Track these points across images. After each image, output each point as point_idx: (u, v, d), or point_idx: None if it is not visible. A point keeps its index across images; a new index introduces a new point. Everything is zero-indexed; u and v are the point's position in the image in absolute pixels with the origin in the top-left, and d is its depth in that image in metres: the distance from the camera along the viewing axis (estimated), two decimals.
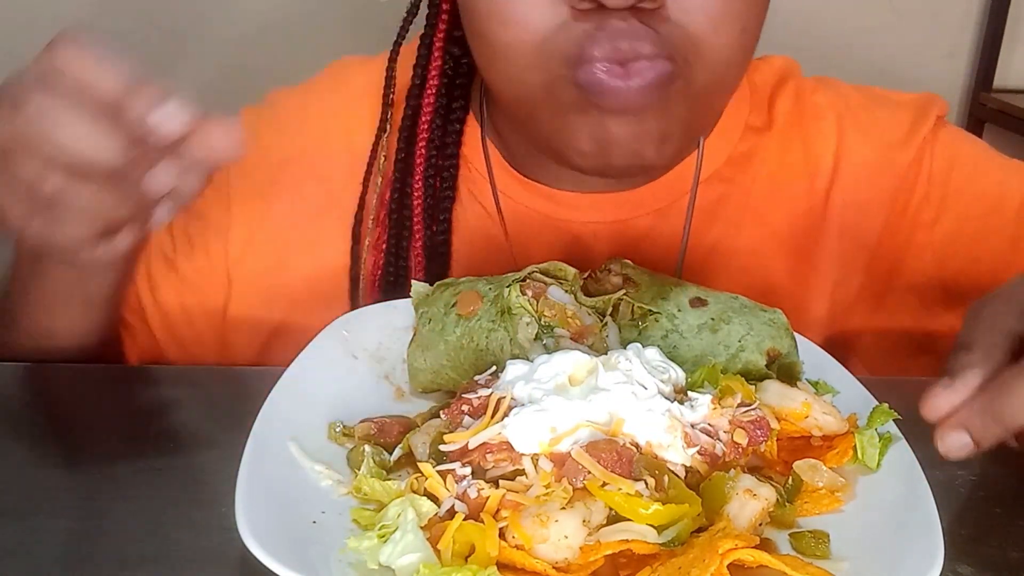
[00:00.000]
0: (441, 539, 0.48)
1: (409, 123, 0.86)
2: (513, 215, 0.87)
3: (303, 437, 0.58)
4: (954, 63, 2.43)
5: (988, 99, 2.37)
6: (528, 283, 0.66)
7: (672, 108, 0.72)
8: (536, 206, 0.86)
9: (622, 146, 0.73)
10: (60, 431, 0.68)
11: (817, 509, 0.54)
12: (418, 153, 0.85)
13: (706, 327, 0.66)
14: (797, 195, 0.89)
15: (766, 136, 0.89)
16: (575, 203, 0.86)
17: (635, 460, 0.51)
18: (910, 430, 0.59)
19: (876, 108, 0.93)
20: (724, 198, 0.88)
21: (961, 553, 0.54)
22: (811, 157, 0.89)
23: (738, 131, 0.89)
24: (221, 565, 0.52)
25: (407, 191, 0.85)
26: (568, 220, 0.86)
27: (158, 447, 0.64)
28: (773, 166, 0.89)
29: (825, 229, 0.89)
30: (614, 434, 0.52)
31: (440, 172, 0.85)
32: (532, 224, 0.87)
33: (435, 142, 0.85)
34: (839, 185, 0.89)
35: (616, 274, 0.69)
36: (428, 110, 0.85)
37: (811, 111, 0.91)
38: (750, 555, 0.48)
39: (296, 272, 0.89)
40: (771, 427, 0.56)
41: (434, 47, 0.85)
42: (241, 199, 0.88)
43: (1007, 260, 0.86)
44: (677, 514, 0.49)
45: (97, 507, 0.58)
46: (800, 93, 0.92)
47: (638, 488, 0.50)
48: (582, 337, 0.65)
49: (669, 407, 0.54)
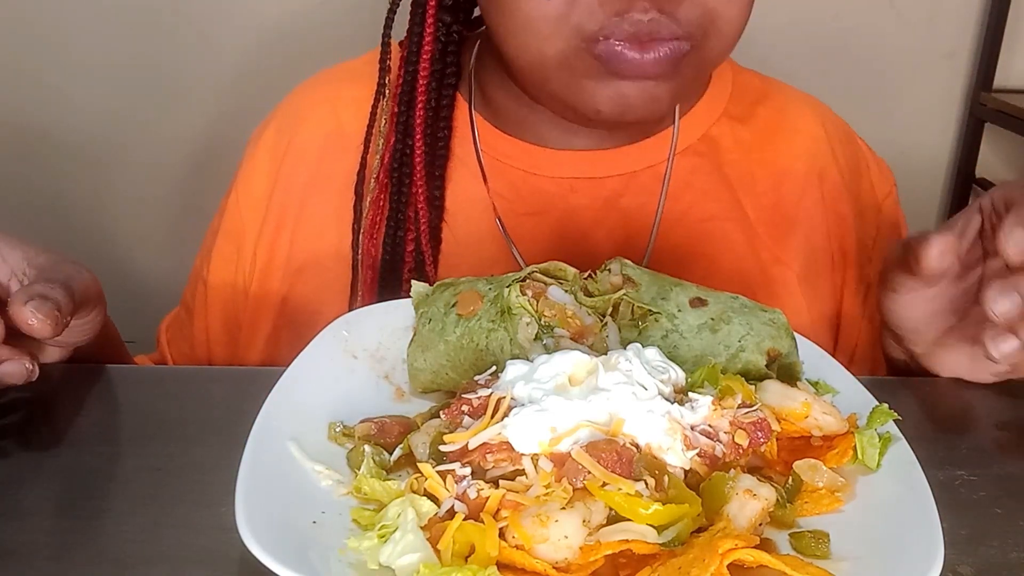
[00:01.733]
0: (441, 539, 0.48)
1: (408, 87, 0.90)
2: (495, 170, 0.92)
3: (303, 437, 0.58)
4: (954, 63, 2.43)
5: (988, 99, 2.37)
6: (528, 283, 0.66)
7: (684, 72, 0.78)
8: (516, 162, 0.91)
9: (636, 106, 0.79)
10: (60, 431, 0.68)
11: (817, 509, 0.54)
12: (417, 115, 0.90)
13: (706, 327, 0.66)
14: (764, 190, 0.94)
15: (741, 127, 0.95)
16: (555, 159, 0.91)
17: (635, 460, 0.51)
18: (910, 430, 0.59)
19: (852, 144, 1.00)
20: (696, 170, 0.93)
21: (961, 553, 0.54)
22: (784, 161, 0.95)
23: (716, 115, 0.95)
24: (221, 565, 0.52)
25: (407, 151, 0.90)
26: (548, 176, 0.91)
27: (158, 447, 0.64)
28: (742, 154, 0.94)
29: (790, 230, 0.93)
30: (614, 434, 0.52)
31: (436, 133, 0.91)
32: (513, 178, 0.91)
33: (431, 104, 0.90)
34: (810, 195, 0.95)
35: (616, 274, 0.69)
36: (424, 74, 0.90)
37: (792, 124, 0.97)
38: (750, 555, 0.48)
39: (299, 244, 0.93)
40: (772, 429, 0.56)
41: (427, 14, 0.90)
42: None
43: None
44: (677, 514, 0.49)
45: (97, 507, 0.58)
46: (787, 107, 0.98)
47: (638, 488, 0.50)
48: (582, 337, 0.65)
49: (669, 409, 0.54)
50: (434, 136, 0.90)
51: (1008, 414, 0.74)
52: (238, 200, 0.96)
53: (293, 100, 0.99)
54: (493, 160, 0.92)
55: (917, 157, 2.46)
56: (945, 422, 0.74)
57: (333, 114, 0.95)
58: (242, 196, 0.96)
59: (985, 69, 2.38)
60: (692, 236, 0.91)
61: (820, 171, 0.95)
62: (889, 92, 2.39)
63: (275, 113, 0.99)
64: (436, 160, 0.90)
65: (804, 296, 0.93)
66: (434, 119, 0.90)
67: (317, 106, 0.96)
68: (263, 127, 0.98)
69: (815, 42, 2.32)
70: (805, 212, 0.94)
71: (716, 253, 0.91)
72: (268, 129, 0.97)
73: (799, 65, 2.24)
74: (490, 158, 0.92)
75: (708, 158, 0.93)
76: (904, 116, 2.42)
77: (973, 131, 2.45)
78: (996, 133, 2.42)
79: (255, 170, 0.96)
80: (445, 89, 0.91)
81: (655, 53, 0.75)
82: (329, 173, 0.93)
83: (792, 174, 0.94)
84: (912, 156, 2.40)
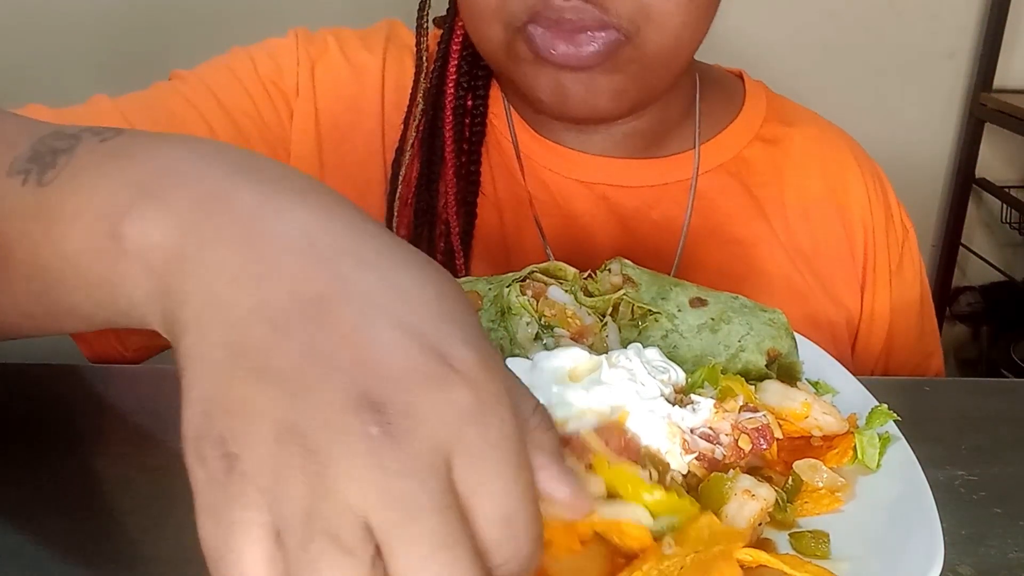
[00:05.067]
0: None
1: (440, 63, 0.90)
2: (529, 168, 0.91)
3: None
4: (954, 63, 2.43)
5: (988, 99, 2.37)
6: (528, 283, 0.66)
7: (624, 68, 0.77)
8: (547, 162, 0.91)
9: (576, 98, 0.78)
10: (60, 431, 0.68)
11: (817, 509, 0.54)
12: (447, 92, 0.89)
13: (706, 327, 0.66)
14: (795, 215, 0.94)
15: (774, 149, 0.95)
16: (588, 164, 0.90)
17: (642, 451, 0.51)
18: (910, 430, 0.59)
19: (882, 183, 1.00)
20: (726, 188, 0.92)
21: (961, 553, 0.54)
22: (816, 188, 0.95)
23: (749, 136, 0.94)
24: None
25: (438, 124, 0.89)
26: (577, 180, 0.90)
27: (158, 447, 0.64)
28: (774, 176, 0.94)
29: (816, 254, 0.93)
30: (619, 425, 0.52)
31: (469, 111, 0.90)
32: (544, 177, 0.91)
33: (463, 81, 0.89)
34: (854, 218, 0.95)
35: (616, 274, 0.69)
36: (456, 51, 0.89)
37: (826, 153, 0.97)
38: (749, 554, 0.48)
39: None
40: (775, 436, 0.56)
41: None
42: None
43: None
44: (678, 506, 0.49)
45: (97, 507, 0.58)
46: (821, 136, 0.98)
47: (643, 475, 0.49)
48: (582, 337, 0.65)
49: (670, 412, 0.54)
50: (463, 108, 0.89)
51: (1008, 414, 0.74)
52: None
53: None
54: (526, 158, 0.91)
55: (917, 157, 2.46)
56: (945, 422, 0.73)
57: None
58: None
59: (985, 69, 2.38)
60: (721, 254, 0.91)
61: (850, 201, 0.95)
62: (889, 92, 2.39)
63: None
64: (472, 137, 0.89)
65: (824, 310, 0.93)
66: (465, 93, 0.89)
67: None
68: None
69: (815, 42, 2.33)
70: (835, 237, 0.94)
71: (742, 272, 0.90)
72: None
73: (799, 65, 2.24)
74: (524, 156, 0.91)
75: (739, 178, 0.93)
76: (904, 116, 2.43)
77: (973, 131, 2.45)
78: (996, 133, 2.42)
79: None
80: (479, 70, 0.90)
81: (585, 45, 0.74)
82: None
83: (822, 200, 0.94)
84: (912, 156, 2.40)
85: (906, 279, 0.98)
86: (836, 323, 0.93)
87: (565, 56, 0.75)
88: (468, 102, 0.89)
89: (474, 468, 0.34)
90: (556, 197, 0.90)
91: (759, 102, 0.97)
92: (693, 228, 0.90)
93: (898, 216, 0.99)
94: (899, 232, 0.98)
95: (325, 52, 0.91)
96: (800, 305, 0.91)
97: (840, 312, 0.93)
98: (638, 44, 0.76)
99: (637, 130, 0.90)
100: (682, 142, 0.93)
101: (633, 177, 0.90)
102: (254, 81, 0.88)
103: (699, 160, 0.92)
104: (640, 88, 0.81)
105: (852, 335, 0.95)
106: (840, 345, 0.93)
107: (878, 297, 0.95)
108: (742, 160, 0.93)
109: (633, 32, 0.76)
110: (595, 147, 0.90)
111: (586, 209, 0.90)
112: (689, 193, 0.91)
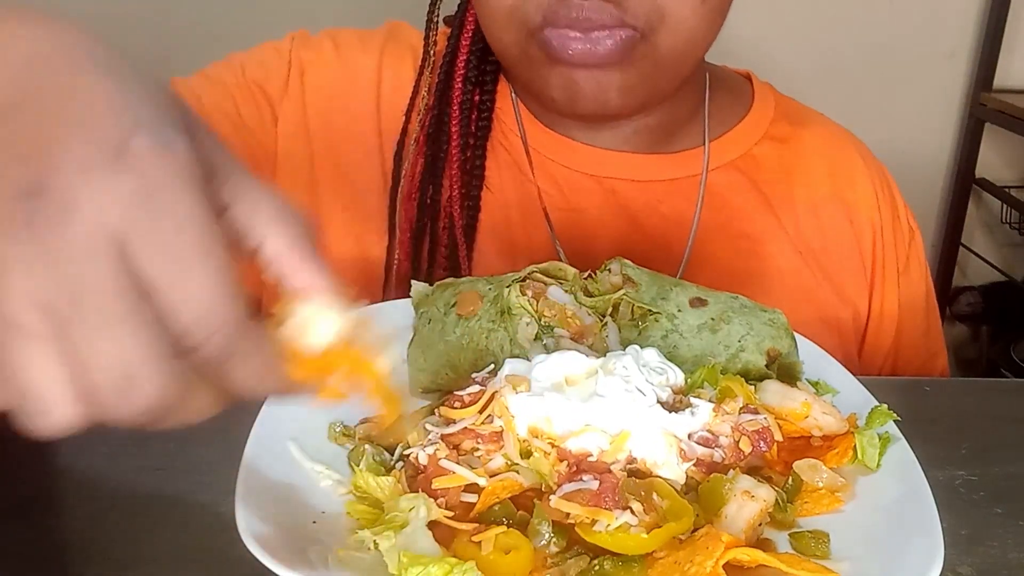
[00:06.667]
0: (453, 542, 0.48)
1: (449, 58, 0.91)
2: (538, 163, 0.91)
3: (303, 437, 0.58)
4: (954, 63, 2.43)
5: (988, 99, 2.37)
6: (528, 283, 0.66)
7: (637, 64, 0.79)
8: (556, 156, 0.91)
9: (587, 94, 0.80)
10: None
11: (817, 509, 0.54)
12: (455, 87, 0.90)
13: (706, 327, 0.66)
14: (803, 211, 0.94)
15: (783, 147, 0.96)
16: (598, 157, 0.91)
17: (620, 487, 0.50)
18: (910, 430, 0.59)
19: (888, 184, 1.01)
20: (735, 185, 0.93)
21: (961, 553, 0.54)
22: (824, 187, 0.96)
23: (758, 135, 0.96)
24: (221, 565, 0.52)
25: (444, 118, 0.90)
26: (589, 174, 0.91)
27: (158, 447, 0.64)
28: (783, 175, 0.95)
29: (824, 251, 0.94)
30: (618, 446, 0.52)
31: (476, 105, 0.91)
32: (552, 171, 0.91)
33: (472, 76, 0.91)
34: (861, 217, 0.95)
35: (616, 274, 0.69)
36: (465, 46, 0.91)
37: (834, 152, 0.98)
38: (747, 554, 0.48)
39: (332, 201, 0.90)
40: (775, 438, 0.56)
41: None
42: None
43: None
44: (667, 536, 0.49)
45: (97, 507, 0.58)
46: (830, 137, 0.99)
47: (625, 519, 0.49)
48: (582, 337, 0.65)
49: (666, 422, 0.54)
50: (471, 103, 0.90)
51: (1008, 414, 0.74)
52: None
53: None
54: (535, 152, 0.91)
55: (917, 157, 2.46)
56: (945, 422, 0.73)
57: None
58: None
59: (985, 69, 2.38)
60: (731, 249, 0.91)
61: (858, 200, 0.96)
62: (889, 92, 2.39)
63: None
64: (477, 131, 0.90)
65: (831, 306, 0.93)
66: (473, 88, 0.90)
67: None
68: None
69: (815, 42, 2.32)
70: (843, 235, 0.95)
71: (753, 268, 0.91)
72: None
73: (800, 65, 2.24)
74: (533, 150, 0.91)
75: (748, 175, 0.93)
76: (904, 116, 2.42)
77: (973, 131, 2.45)
78: (996, 133, 2.42)
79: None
80: (488, 65, 0.90)
81: (602, 42, 0.76)
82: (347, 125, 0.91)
83: (830, 199, 0.95)
84: (912, 156, 2.40)
85: (913, 279, 0.98)
86: (843, 319, 0.93)
87: (582, 55, 0.76)
88: (476, 97, 0.90)
89: (150, 253, 0.34)
90: (565, 191, 0.90)
91: (768, 102, 0.98)
92: (703, 223, 0.91)
93: (905, 217, 0.99)
94: (906, 233, 0.99)
95: (319, 55, 0.92)
96: (808, 301, 0.91)
97: (847, 309, 0.93)
98: (652, 43, 0.78)
99: (647, 126, 0.90)
100: (691, 139, 0.93)
101: (643, 171, 0.91)
102: (240, 85, 0.89)
103: (708, 157, 0.92)
104: (650, 86, 0.82)
105: (858, 332, 0.95)
106: (846, 342, 0.93)
107: (887, 296, 0.95)
108: (751, 158, 0.94)
109: (648, 31, 0.77)
110: (604, 142, 0.91)
111: (595, 203, 0.90)
112: (699, 189, 0.91)
